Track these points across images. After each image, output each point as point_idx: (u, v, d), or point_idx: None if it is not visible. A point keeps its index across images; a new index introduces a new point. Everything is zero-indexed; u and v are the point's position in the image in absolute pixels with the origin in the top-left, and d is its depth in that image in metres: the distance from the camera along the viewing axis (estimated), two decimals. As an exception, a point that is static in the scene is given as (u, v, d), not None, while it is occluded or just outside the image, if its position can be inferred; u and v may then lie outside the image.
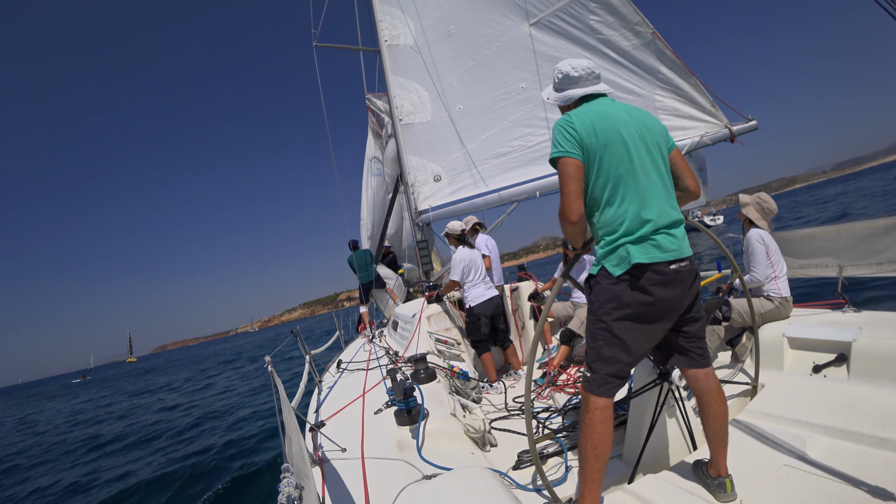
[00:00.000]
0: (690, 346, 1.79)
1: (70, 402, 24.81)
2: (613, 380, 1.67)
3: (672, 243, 1.64)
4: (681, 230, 1.70)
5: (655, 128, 1.77)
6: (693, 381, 1.82)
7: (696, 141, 4.31)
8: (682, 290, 1.66)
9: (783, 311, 2.88)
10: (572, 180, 1.65)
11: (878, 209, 16.99)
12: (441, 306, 4.37)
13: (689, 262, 1.68)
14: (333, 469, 1.97)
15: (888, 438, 1.75)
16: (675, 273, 1.62)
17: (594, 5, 4.59)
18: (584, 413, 1.68)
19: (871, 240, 2.93)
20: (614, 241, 1.65)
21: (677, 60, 4.37)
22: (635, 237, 1.62)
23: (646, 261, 1.59)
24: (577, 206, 1.65)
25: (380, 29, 5.98)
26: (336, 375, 3.86)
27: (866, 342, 2.24)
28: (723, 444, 1.75)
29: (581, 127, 1.66)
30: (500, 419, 3.05)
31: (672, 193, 1.74)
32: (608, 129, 1.66)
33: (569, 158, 1.66)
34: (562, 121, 1.72)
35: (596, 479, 1.63)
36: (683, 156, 4.35)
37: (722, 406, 1.76)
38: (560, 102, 1.91)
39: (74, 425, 13.96)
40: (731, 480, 1.70)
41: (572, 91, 1.86)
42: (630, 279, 1.61)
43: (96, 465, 7.93)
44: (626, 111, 1.75)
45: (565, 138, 1.67)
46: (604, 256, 1.69)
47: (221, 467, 6.17)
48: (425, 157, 5.88)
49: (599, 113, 1.70)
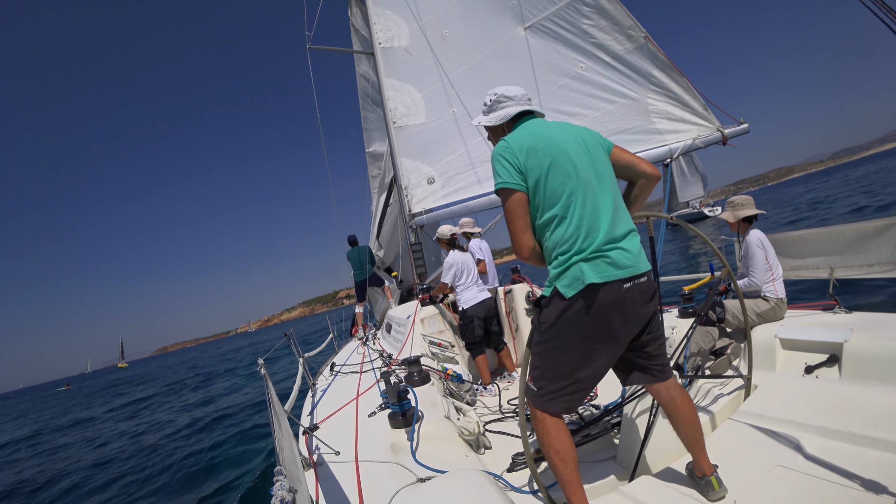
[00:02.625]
0: (650, 364, 1.75)
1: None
2: (558, 400, 1.65)
3: (626, 258, 1.58)
4: (634, 242, 1.64)
5: (591, 139, 1.74)
6: (655, 393, 1.80)
7: (688, 144, 4.34)
8: (636, 309, 1.60)
9: (778, 311, 2.90)
10: (517, 217, 1.64)
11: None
12: (437, 308, 4.36)
13: (647, 277, 1.64)
14: (327, 472, 1.95)
15: (880, 438, 1.76)
16: (628, 292, 1.57)
17: (587, 9, 4.63)
18: (535, 424, 1.68)
19: (862, 242, 2.96)
20: (567, 261, 1.60)
21: (670, 64, 4.41)
22: (587, 254, 1.57)
23: (599, 280, 1.54)
24: (525, 241, 1.65)
25: (374, 31, 5.98)
26: (330, 378, 3.84)
27: (857, 343, 2.26)
28: (699, 444, 1.74)
29: (519, 151, 1.63)
30: (494, 421, 3.05)
31: (621, 205, 1.69)
32: (548, 148, 1.62)
33: (510, 191, 1.63)
34: (499, 148, 1.69)
35: (573, 480, 1.62)
36: (676, 158, 4.39)
37: (689, 411, 1.75)
38: (494, 122, 1.87)
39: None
40: (716, 477, 1.70)
41: (508, 109, 1.83)
42: (583, 300, 1.55)
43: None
44: (561, 128, 1.73)
45: (504, 168, 1.64)
46: (556, 277, 1.63)
47: (213, 470, 6.11)
48: (419, 160, 5.88)
49: (536, 134, 1.67)
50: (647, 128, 4.56)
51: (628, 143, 4.61)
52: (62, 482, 7.50)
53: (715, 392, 2.57)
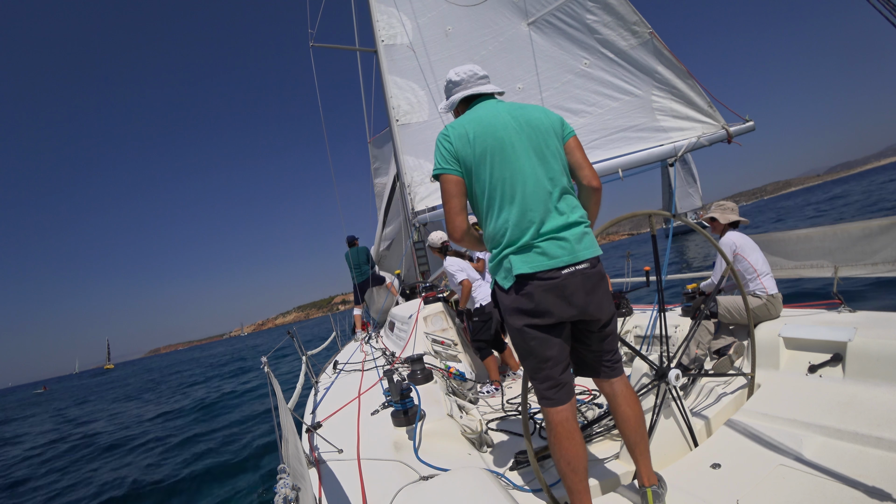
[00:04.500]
0: (598, 361, 1.71)
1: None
2: (551, 388, 1.63)
3: (561, 248, 1.54)
4: (574, 232, 1.58)
5: (542, 124, 1.66)
6: (599, 386, 1.77)
7: (693, 142, 4.31)
8: (577, 292, 1.54)
9: (771, 308, 2.89)
10: (452, 197, 1.63)
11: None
12: (443, 307, 4.36)
13: (590, 264, 1.58)
14: (330, 470, 1.96)
15: (883, 438, 1.75)
16: (569, 276, 1.53)
17: (592, 5, 4.59)
18: (548, 430, 1.66)
19: (867, 240, 2.94)
20: (499, 254, 1.60)
21: (675, 61, 4.38)
22: (517, 247, 1.55)
23: (528, 270, 1.53)
24: (458, 223, 1.65)
25: (376, 29, 5.96)
26: (333, 376, 3.85)
27: (861, 342, 2.25)
28: (639, 449, 1.69)
29: (455, 139, 1.62)
30: (496, 420, 3.05)
31: (567, 193, 1.64)
32: (483, 136, 1.60)
33: (446, 175, 1.63)
34: (440, 135, 1.69)
35: (581, 490, 1.60)
36: (681, 156, 4.35)
37: (629, 411, 1.69)
38: (445, 109, 1.89)
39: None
40: (652, 491, 1.64)
41: (454, 95, 1.82)
42: (518, 290, 1.56)
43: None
44: (509, 111, 1.67)
45: (441, 154, 1.65)
46: (494, 270, 1.65)
47: (217, 469, 6.15)
48: (422, 158, 5.87)
49: (476, 120, 1.65)
50: (651, 125, 4.53)
51: (633, 140, 4.59)
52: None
53: (718, 391, 2.57)
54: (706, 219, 3.27)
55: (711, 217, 3.22)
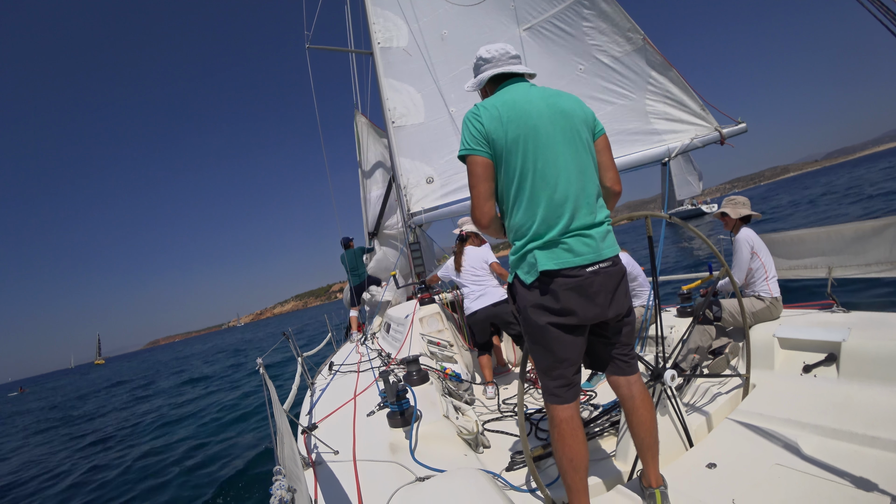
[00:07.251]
0: (616, 354, 1.69)
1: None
2: (561, 387, 1.61)
3: (587, 246, 1.50)
4: (600, 230, 1.55)
5: (576, 114, 1.59)
6: (616, 387, 1.72)
7: (686, 144, 4.35)
8: (600, 292, 1.52)
9: (773, 311, 2.90)
10: (480, 181, 1.55)
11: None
12: (439, 308, 4.35)
13: (612, 262, 1.55)
14: (326, 471, 1.94)
15: (878, 437, 1.76)
16: (593, 275, 1.50)
17: (588, 12, 4.63)
18: (552, 427, 1.64)
19: (860, 241, 2.97)
20: (522, 248, 1.54)
21: (668, 65, 4.42)
22: (543, 242, 1.50)
23: (554, 267, 1.48)
24: (487, 209, 1.58)
25: (373, 31, 5.98)
26: (328, 377, 3.83)
27: (855, 342, 2.27)
28: (651, 452, 1.67)
29: (488, 120, 1.53)
30: (492, 420, 3.04)
31: (595, 188, 1.59)
32: (517, 121, 1.51)
33: (475, 157, 1.54)
34: (469, 114, 1.59)
35: (581, 489, 1.60)
36: (674, 157, 4.38)
37: (646, 414, 1.67)
38: (473, 87, 1.78)
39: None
40: (661, 492, 1.63)
41: (484, 73, 1.72)
42: (544, 285, 1.50)
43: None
44: (543, 97, 1.59)
45: (471, 134, 1.55)
46: (515, 264, 1.58)
47: (212, 471, 6.08)
48: (418, 160, 5.88)
49: (508, 103, 1.55)
50: (645, 129, 4.56)
51: (627, 143, 4.62)
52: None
53: (713, 391, 2.58)
54: (717, 214, 3.21)
55: (722, 212, 3.16)
